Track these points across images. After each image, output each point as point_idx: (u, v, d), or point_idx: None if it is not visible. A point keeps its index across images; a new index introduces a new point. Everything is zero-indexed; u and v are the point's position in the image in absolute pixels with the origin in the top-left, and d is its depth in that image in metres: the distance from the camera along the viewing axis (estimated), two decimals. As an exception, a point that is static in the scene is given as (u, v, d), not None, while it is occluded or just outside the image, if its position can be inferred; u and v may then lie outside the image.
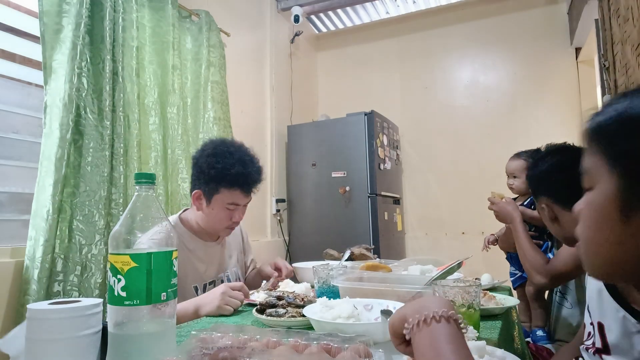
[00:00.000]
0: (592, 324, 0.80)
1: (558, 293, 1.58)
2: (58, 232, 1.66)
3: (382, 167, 3.22)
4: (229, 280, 1.58)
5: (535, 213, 1.75)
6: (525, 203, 1.87)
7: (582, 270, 0.99)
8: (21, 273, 1.59)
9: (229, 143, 1.51)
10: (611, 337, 0.72)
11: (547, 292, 1.80)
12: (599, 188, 0.52)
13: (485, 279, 1.54)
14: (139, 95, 2.06)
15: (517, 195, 2.01)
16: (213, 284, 1.53)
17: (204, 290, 1.49)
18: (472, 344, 0.71)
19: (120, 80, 1.95)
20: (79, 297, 1.68)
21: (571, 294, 1.52)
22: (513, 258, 2.19)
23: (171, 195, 2.22)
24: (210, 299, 1.21)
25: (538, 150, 1.73)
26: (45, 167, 1.66)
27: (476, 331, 0.84)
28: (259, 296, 1.30)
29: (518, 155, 2.01)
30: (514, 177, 1.97)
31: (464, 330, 0.53)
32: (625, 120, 0.50)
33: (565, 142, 1.38)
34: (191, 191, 1.50)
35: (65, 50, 1.73)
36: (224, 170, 1.42)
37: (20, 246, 1.65)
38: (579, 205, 0.55)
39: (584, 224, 0.54)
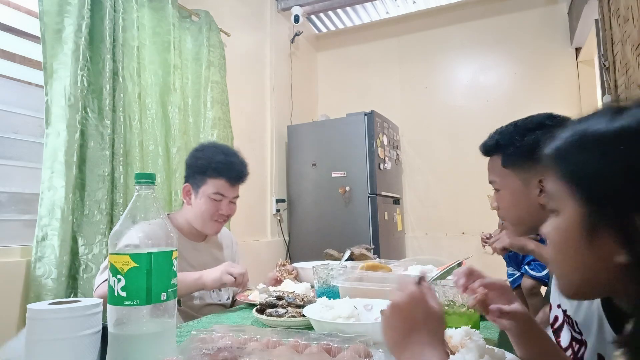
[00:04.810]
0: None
1: None
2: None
3: (382, 167, 3.22)
4: None
5: None
6: None
7: None
8: (29, 272, 1.60)
9: (216, 143, 1.61)
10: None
11: (544, 288, 1.80)
12: (564, 213, 0.52)
13: None
14: (140, 95, 2.06)
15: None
16: None
17: None
18: (472, 344, 0.71)
19: (121, 80, 1.95)
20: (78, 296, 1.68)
21: None
22: (511, 258, 2.19)
23: (173, 195, 2.22)
24: (212, 270, 1.29)
25: None
26: (51, 168, 1.66)
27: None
28: (259, 296, 1.30)
29: None
30: None
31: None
32: (582, 144, 0.50)
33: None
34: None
35: (67, 51, 1.73)
36: (209, 159, 1.49)
37: (27, 245, 1.66)
38: (546, 228, 0.57)
39: (552, 247, 0.56)
